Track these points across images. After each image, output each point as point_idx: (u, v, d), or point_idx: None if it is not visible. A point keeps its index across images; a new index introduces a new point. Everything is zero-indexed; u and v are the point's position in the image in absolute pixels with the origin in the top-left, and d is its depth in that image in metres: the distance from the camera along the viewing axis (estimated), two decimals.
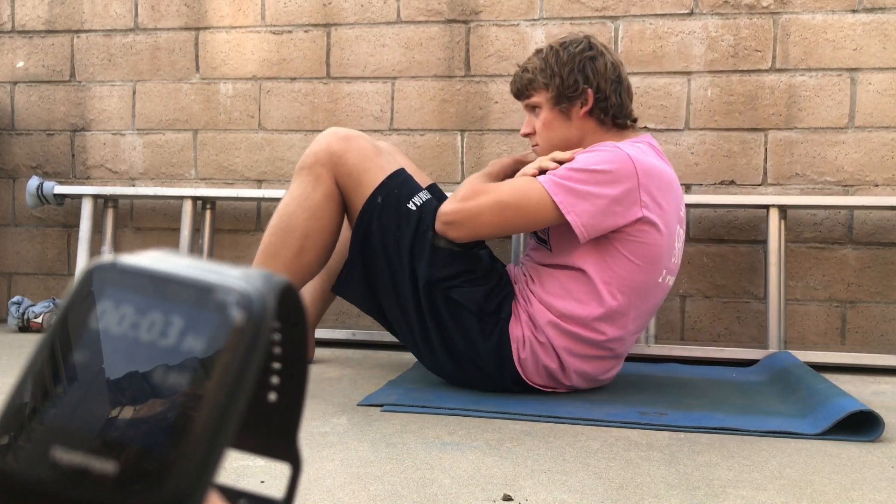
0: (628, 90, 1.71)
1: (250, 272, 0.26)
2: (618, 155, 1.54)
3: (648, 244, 1.55)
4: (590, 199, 1.51)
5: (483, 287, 1.62)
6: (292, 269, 1.70)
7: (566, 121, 1.68)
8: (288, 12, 2.47)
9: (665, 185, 1.58)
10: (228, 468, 1.10)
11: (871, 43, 2.18)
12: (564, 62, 1.66)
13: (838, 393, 1.53)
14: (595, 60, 1.66)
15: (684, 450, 1.27)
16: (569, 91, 1.66)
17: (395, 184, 1.67)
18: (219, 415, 0.23)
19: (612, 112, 1.67)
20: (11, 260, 2.68)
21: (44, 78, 2.64)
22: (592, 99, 1.66)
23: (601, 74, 1.66)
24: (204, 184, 2.54)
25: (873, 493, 1.08)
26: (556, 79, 1.66)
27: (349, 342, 2.30)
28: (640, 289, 1.58)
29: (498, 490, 1.05)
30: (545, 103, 1.69)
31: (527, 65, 1.72)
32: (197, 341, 0.24)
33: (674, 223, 1.61)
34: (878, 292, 2.19)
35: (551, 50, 1.69)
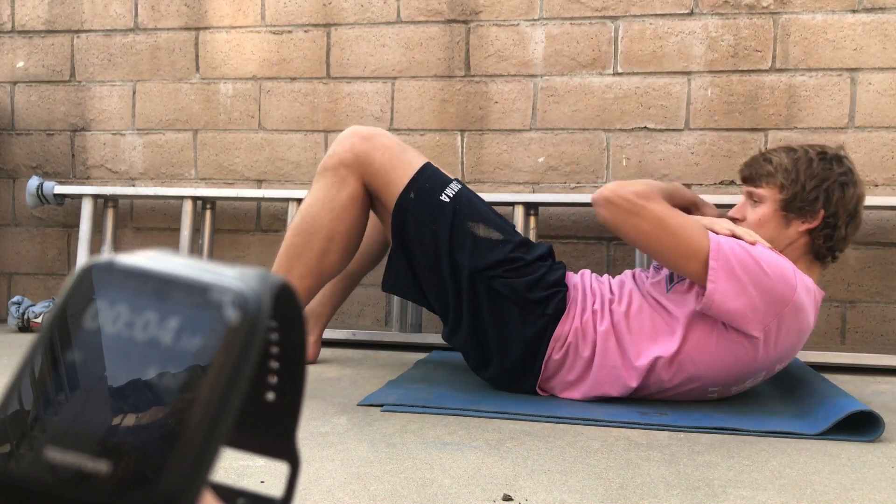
0: (857, 227, 1.62)
1: (246, 272, 0.26)
2: (790, 278, 1.48)
3: (737, 355, 1.53)
4: (739, 287, 1.46)
5: (526, 278, 1.61)
6: (316, 271, 1.71)
7: (783, 228, 1.60)
8: (288, 12, 2.47)
9: (797, 333, 1.53)
10: (228, 468, 1.10)
11: (871, 43, 2.18)
12: (814, 175, 1.58)
13: (838, 393, 1.53)
14: (846, 188, 1.58)
15: (684, 450, 1.27)
16: (804, 204, 1.58)
17: (425, 178, 1.66)
18: (213, 414, 0.23)
19: (832, 244, 1.60)
20: (11, 260, 2.68)
21: (44, 78, 2.64)
22: (821, 222, 1.58)
23: (843, 204, 1.58)
24: (204, 184, 2.54)
25: (873, 493, 1.08)
26: (796, 186, 1.58)
27: (349, 342, 2.30)
28: (696, 376, 1.56)
29: (498, 490, 1.05)
30: (771, 202, 1.60)
31: (772, 156, 1.63)
32: (193, 340, 0.24)
33: (773, 363, 1.57)
34: (878, 292, 2.19)
35: (806, 156, 1.60)
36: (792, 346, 1.56)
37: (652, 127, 2.27)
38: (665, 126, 2.28)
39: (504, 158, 2.35)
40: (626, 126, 2.29)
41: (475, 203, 1.68)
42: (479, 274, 1.60)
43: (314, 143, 2.47)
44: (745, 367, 1.55)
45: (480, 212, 1.66)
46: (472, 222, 1.62)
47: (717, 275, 1.46)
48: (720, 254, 1.47)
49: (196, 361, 0.24)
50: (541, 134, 2.34)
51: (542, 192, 2.33)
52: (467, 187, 1.72)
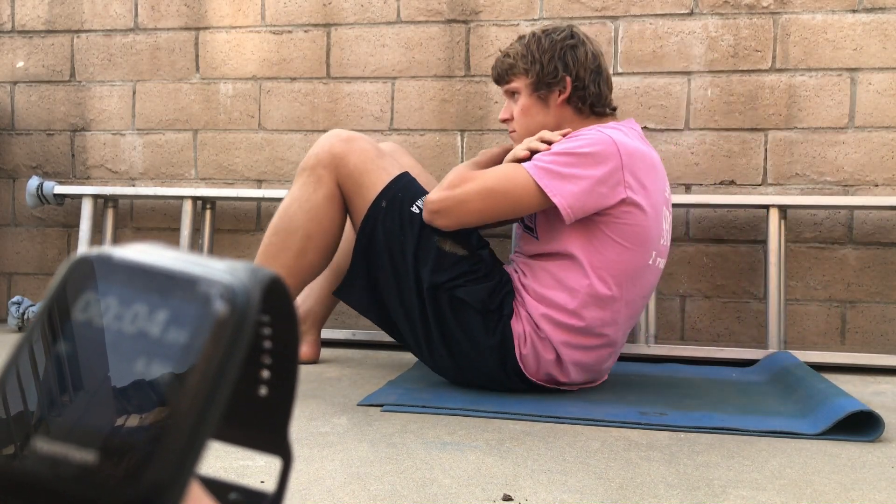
0: (608, 80, 1.73)
1: (236, 265, 0.26)
2: (600, 138, 1.55)
3: (634, 225, 1.56)
4: (573, 180, 1.52)
5: (486, 284, 1.62)
6: (294, 270, 1.71)
7: (544, 107, 1.70)
8: (288, 12, 2.47)
9: (648, 166, 1.59)
10: (228, 468, 1.10)
11: (871, 43, 2.18)
12: (545, 49, 1.68)
13: (838, 393, 1.53)
14: (576, 49, 1.69)
15: (684, 450, 1.27)
16: (547, 78, 1.68)
17: (398, 187, 1.67)
18: (200, 407, 0.23)
19: (589, 101, 1.70)
20: (11, 260, 2.68)
21: (44, 78, 2.64)
22: (570, 87, 1.68)
23: (581, 63, 1.68)
24: (204, 184, 2.54)
25: (873, 493, 1.08)
26: (535, 65, 1.68)
27: (349, 342, 2.30)
28: (630, 272, 1.59)
29: (498, 490, 1.05)
30: (524, 89, 1.71)
31: (508, 50, 1.74)
32: (181, 333, 0.24)
33: (660, 204, 1.62)
34: (878, 292, 2.19)
35: (533, 37, 1.71)
36: (661, 180, 1.63)
37: (652, 127, 2.27)
38: (665, 126, 2.27)
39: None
40: None
41: None
42: (440, 286, 1.61)
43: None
44: (648, 229, 1.58)
45: None
46: (439, 236, 1.62)
47: (552, 188, 1.52)
48: (540, 172, 1.53)
49: (184, 354, 0.24)
50: None
51: None
52: None
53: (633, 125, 1.69)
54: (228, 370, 0.24)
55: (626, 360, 2.07)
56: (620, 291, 1.59)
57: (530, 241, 1.67)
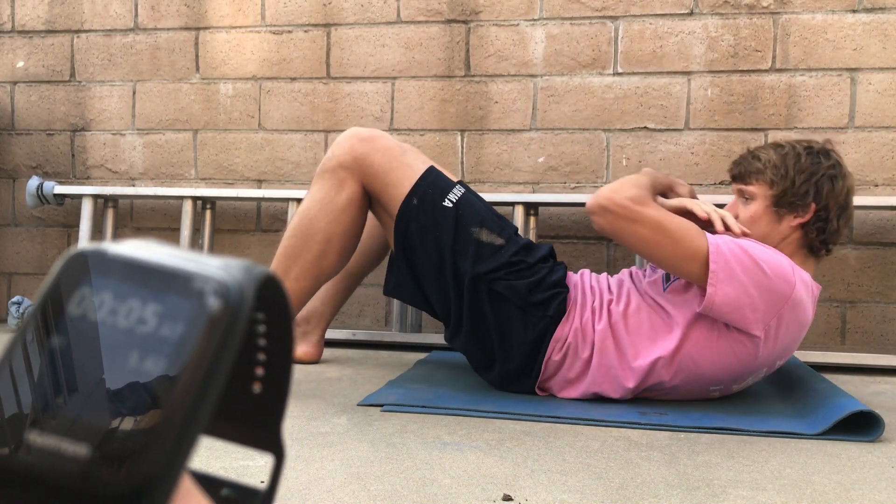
0: (849, 220, 1.63)
1: (231, 262, 0.26)
2: (788, 275, 1.48)
3: (738, 354, 1.53)
4: (739, 288, 1.46)
5: (528, 280, 1.60)
6: (313, 272, 1.71)
7: (775, 224, 1.61)
8: (288, 12, 2.47)
9: (797, 328, 1.54)
10: (228, 468, 1.10)
11: (871, 43, 2.18)
12: (803, 169, 1.59)
13: (838, 393, 1.53)
14: (835, 181, 1.59)
15: (684, 450, 1.27)
16: (794, 199, 1.58)
17: (427, 183, 1.66)
18: (191, 401, 0.23)
19: (825, 237, 1.60)
20: (11, 260, 2.68)
21: (44, 78, 2.64)
22: (813, 216, 1.58)
23: (833, 196, 1.58)
24: (204, 184, 2.54)
25: (873, 493, 1.08)
26: (785, 181, 1.59)
27: (349, 342, 2.30)
28: (697, 376, 1.56)
29: (498, 490, 1.05)
30: (762, 199, 1.61)
31: (760, 153, 1.64)
32: (174, 328, 0.24)
33: (773, 360, 1.57)
34: (878, 292, 2.19)
35: (794, 151, 1.61)
36: (792, 342, 1.57)
37: (652, 127, 2.27)
38: (665, 126, 2.28)
39: (504, 158, 2.35)
40: (626, 126, 2.29)
41: (478, 207, 1.67)
42: (482, 278, 1.60)
43: (314, 143, 2.47)
44: (746, 366, 1.55)
45: (483, 216, 1.66)
46: (475, 227, 1.62)
47: (716, 277, 1.46)
48: (719, 255, 1.46)
49: (178, 349, 0.24)
50: (541, 134, 2.34)
51: (542, 192, 2.33)
52: (470, 189, 1.71)
53: (816, 288, 1.59)
54: (221, 366, 0.24)
55: None
56: (674, 382, 1.56)
57: (656, 286, 1.62)
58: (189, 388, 0.23)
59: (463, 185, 1.72)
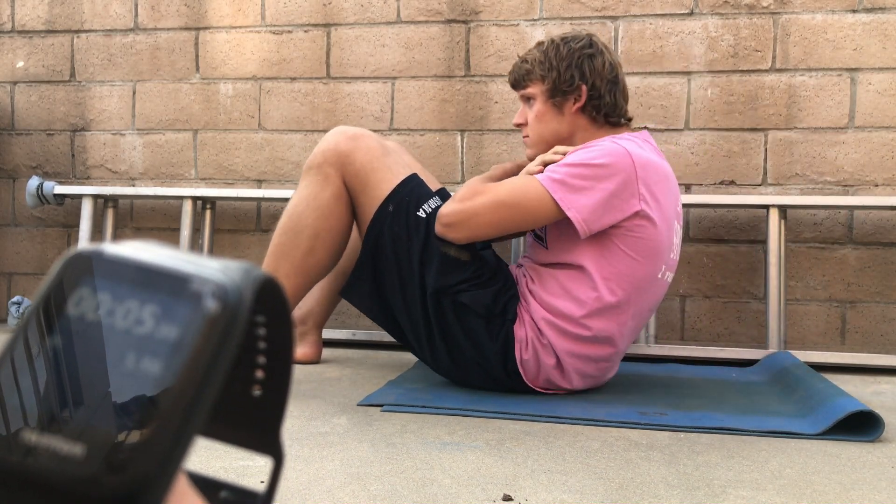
0: (624, 91, 1.71)
1: (230, 265, 0.26)
2: (614, 149, 1.54)
3: (646, 239, 1.56)
4: (588, 193, 1.51)
5: (490, 289, 1.62)
6: (302, 269, 1.71)
7: (558, 114, 1.69)
8: (288, 12, 2.47)
9: (662, 179, 1.58)
10: (228, 468, 1.10)
11: (871, 43, 2.18)
12: (563, 56, 1.67)
13: (838, 393, 1.53)
14: (593, 58, 1.67)
15: (684, 450, 1.27)
16: (563, 85, 1.67)
17: (405, 191, 1.67)
18: (187, 404, 0.23)
19: (604, 110, 1.68)
20: (11, 260, 2.68)
21: (44, 78, 2.64)
22: (586, 95, 1.66)
23: (598, 72, 1.67)
24: (204, 184, 2.54)
25: (873, 493, 1.08)
26: (552, 72, 1.67)
27: (349, 342, 2.30)
28: (639, 284, 1.58)
29: (498, 490, 1.05)
30: (539, 95, 1.69)
31: (526, 56, 1.73)
32: (171, 330, 0.24)
33: (671, 218, 1.61)
34: (878, 292, 2.19)
35: (552, 44, 1.70)
36: (674, 194, 1.62)
37: (652, 127, 2.27)
38: (665, 126, 2.27)
39: (504, 158, 2.35)
40: None
41: None
42: (444, 291, 1.60)
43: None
44: (659, 242, 1.57)
45: None
46: (443, 242, 1.62)
47: (566, 203, 1.51)
48: (554, 184, 1.52)
49: (174, 351, 0.24)
50: None
51: None
52: None
53: (648, 137, 1.68)
54: (217, 368, 0.24)
55: (627, 361, 2.07)
56: (628, 303, 1.58)
57: (540, 249, 1.66)
58: (185, 390, 0.23)
59: (444, 196, 1.72)
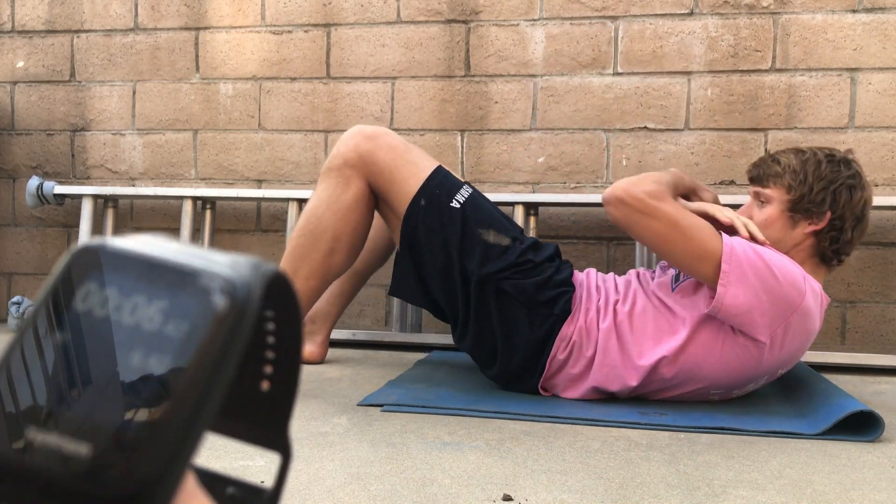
0: (863, 231, 1.62)
1: (239, 259, 0.26)
2: (800, 283, 1.48)
3: (742, 359, 1.52)
4: (750, 292, 1.45)
5: (535, 279, 1.60)
6: (321, 271, 1.71)
7: (789, 229, 1.60)
8: (288, 12, 2.47)
9: (803, 337, 1.53)
10: (229, 468, 1.10)
11: (871, 43, 2.18)
12: (822, 177, 1.58)
13: (838, 393, 1.53)
14: (853, 191, 1.58)
15: (684, 450, 1.27)
16: (811, 206, 1.57)
17: (435, 184, 1.66)
18: (195, 401, 0.23)
19: (838, 246, 1.59)
20: (11, 260, 2.68)
21: (44, 78, 2.64)
22: (827, 224, 1.58)
23: (850, 207, 1.58)
24: (204, 184, 2.54)
25: (873, 493, 1.08)
26: (803, 187, 1.58)
27: (349, 342, 2.30)
28: (699, 378, 1.56)
29: (498, 490, 1.05)
30: (778, 203, 1.60)
31: (780, 157, 1.63)
32: (179, 326, 0.24)
33: (776, 368, 1.57)
34: (878, 292, 2.19)
35: (815, 158, 1.60)
36: (797, 351, 1.56)
37: (652, 127, 2.27)
38: (665, 126, 2.27)
39: (504, 158, 2.35)
40: (626, 126, 2.29)
41: (485, 207, 1.67)
42: (489, 278, 1.60)
43: (314, 143, 2.47)
44: (748, 371, 1.54)
45: (490, 216, 1.65)
46: (482, 229, 1.62)
47: (728, 278, 1.45)
48: (733, 257, 1.45)
49: (182, 347, 0.23)
50: (541, 134, 2.34)
51: (542, 192, 2.33)
52: (477, 190, 1.71)
53: (825, 299, 1.58)
54: (226, 366, 0.24)
55: None
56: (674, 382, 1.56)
57: (665, 285, 1.61)
58: (193, 388, 0.23)
59: (470, 185, 1.72)
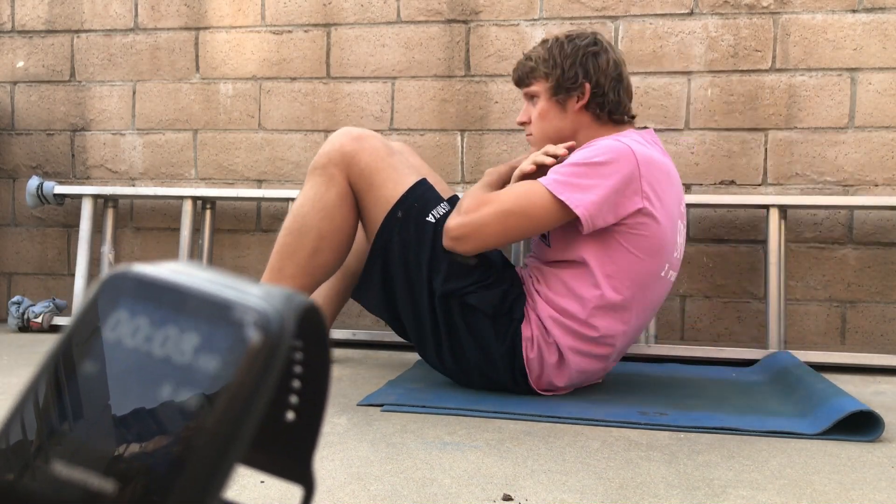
0: (628, 89, 1.71)
1: (272, 291, 0.25)
2: (617, 147, 1.54)
3: (649, 236, 1.55)
4: (591, 190, 1.51)
5: (498, 289, 1.62)
6: (308, 270, 1.71)
7: (562, 112, 1.69)
8: (288, 12, 2.47)
9: (665, 177, 1.58)
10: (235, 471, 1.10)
11: (871, 43, 2.18)
12: (567, 54, 1.67)
13: (838, 393, 1.53)
14: (598, 56, 1.67)
15: (684, 450, 1.27)
16: (567, 83, 1.66)
17: (414, 197, 1.66)
18: (225, 437, 0.23)
19: (608, 108, 1.68)
20: (11, 260, 2.68)
21: (44, 78, 2.64)
22: (589, 93, 1.66)
23: (602, 70, 1.66)
24: (204, 184, 2.54)
25: (873, 493, 1.08)
26: (556, 70, 1.67)
27: (349, 342, 2.30)
28: (643, 281, 1.58)
29: (498, 490, 1.05)
30: (543, 93, 1.69)
31: (530, 53, 1.72)
32: (211, 360, 0.23)
33: (675, 216, 1.61)
34: (878, 292, 2.19)
35: (556, 41, 1.70)
36: (677, 193, 1.62)
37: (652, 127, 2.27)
38: (665, 126, 2.27)
39: (504, 158, 2.35)
40: None
41: None
42: (453, 294, 1.61)
43: (314, 143, 2.47)
44: (662, 240, 1.57)
45: None
46: None
47: (574, 200, 1.50)
48: (560, 186, 1.51)
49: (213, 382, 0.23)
50: None
51: None
52: None
53: (654, 136, 1.68)
54: (258, 400, 0.23)
55: (627, 360, 2.07)
56: (631, 300, 1.58)
57: (543, 248, 1.66)
58: (224, 421, 0.23)
59: (452, 202, 1.72)
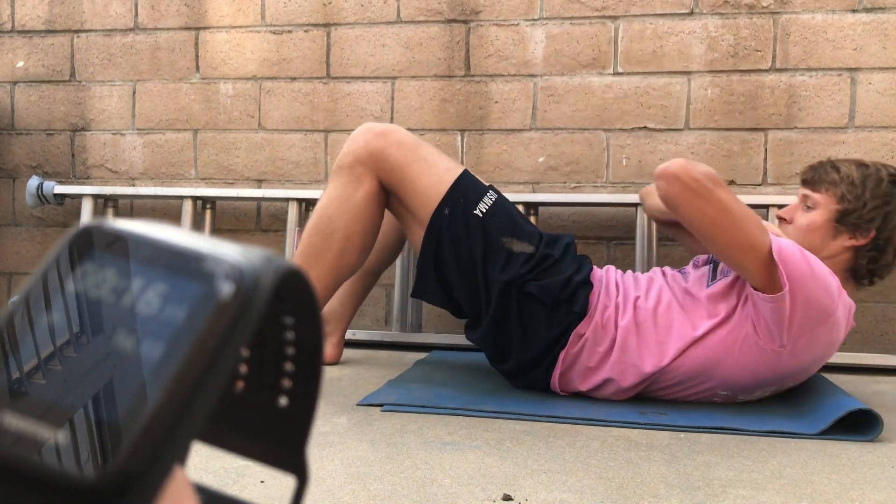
0: None
1: (251, 249, 0.23)
2: (834, 295, 1.46)
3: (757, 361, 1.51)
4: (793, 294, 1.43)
5: (558, 277, 1.60)
6: (334, 271, 1.70)
7: (830, 239, 1.58)
8: (288, 12, 2.47)
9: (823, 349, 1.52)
10: (229, 468, 1.10)
11: (871, 43, 2.18)
12: (878, 194, 1.55)
13: (838, 392, 1.53)
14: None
15: (684, 450, 1.27)
16: (859, 221, 1.55)
17: (459, 192, 1.64)
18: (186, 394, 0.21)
19: (874, 266, 1.58)
20: (11, 260, 2.68)
21: (44, 78, 2.64)
22: (870, 242, 1.55)
23: None
24: (204, 184, 2.54)
25: (873, 493, 1.08)
26: (857, 202, 1.55)
27: (349, 342, 2.29)
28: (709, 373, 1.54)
29: (498, 490, 1.05)
30: (826, 210, 1.58)
31: (840, 165, 1.60)
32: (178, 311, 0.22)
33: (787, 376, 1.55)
34: (878, 292, 2.19)
35: (877, 174, 1.57)
36: (812, 363, 1.55)
37: (652, 127, 2.27)
38: (665, 126, 2.27)
39: (504, 158, 2.36)
40: (625, 126, 2.29)
41: (508, 214, 1.65)
42: (512, 283, 1.59)
43: (314, 143, 2.47)
44: (761, 375, 1.53)
45: (514, 224, 1.64)
46: (506, 238, 1.61)
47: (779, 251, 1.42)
48: (782, 254, 1.43)
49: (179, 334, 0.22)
50: (541, 134, 2.34)
51: (542, 191, 2.33)
52: (500, 194, 1.69)
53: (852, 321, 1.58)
54: (225, 359, 0.22)
55: None
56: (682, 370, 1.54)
57: (699, 283, 1.59)
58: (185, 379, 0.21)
59: (494, 190, 1.70)
